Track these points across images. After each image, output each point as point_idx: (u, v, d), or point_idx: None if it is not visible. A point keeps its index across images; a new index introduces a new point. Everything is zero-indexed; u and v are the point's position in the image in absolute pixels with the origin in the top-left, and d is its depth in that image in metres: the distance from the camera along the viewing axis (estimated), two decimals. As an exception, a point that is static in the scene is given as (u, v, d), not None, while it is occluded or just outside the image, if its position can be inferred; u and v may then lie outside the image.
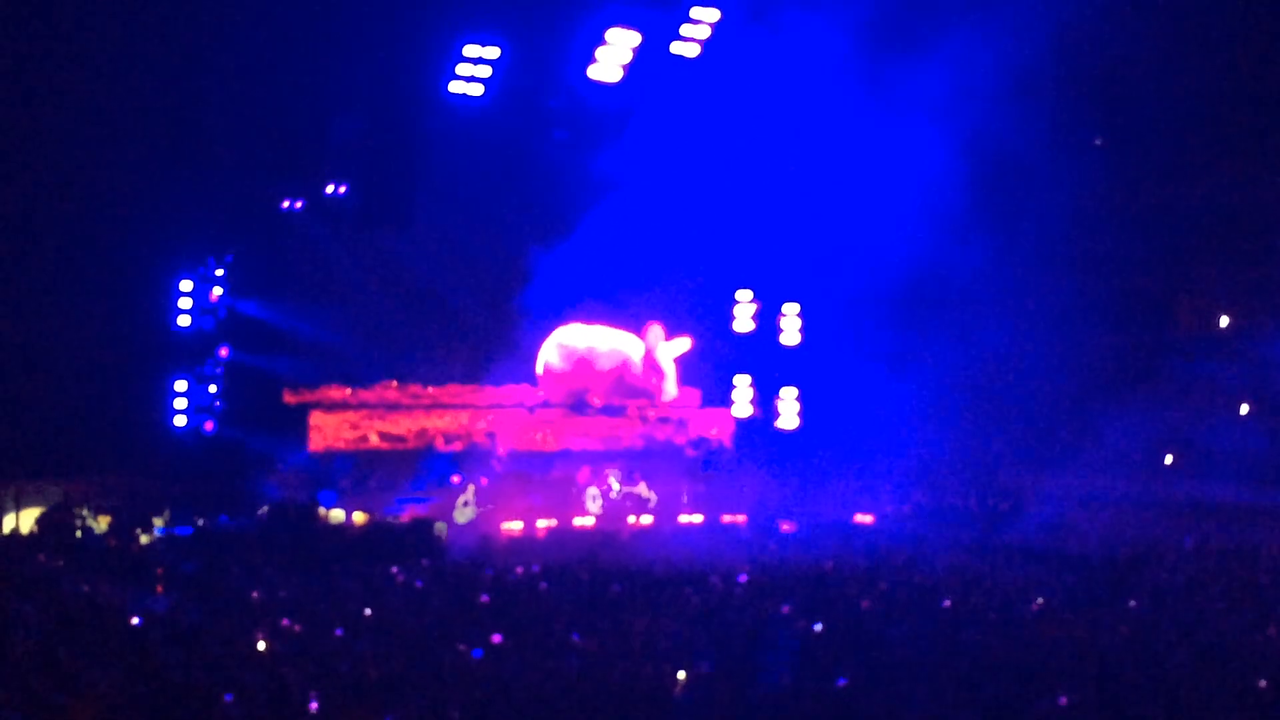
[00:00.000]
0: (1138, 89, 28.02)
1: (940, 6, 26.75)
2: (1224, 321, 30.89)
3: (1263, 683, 12.14)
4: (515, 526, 26.98)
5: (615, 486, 28.87)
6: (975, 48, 26.08)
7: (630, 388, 30.83)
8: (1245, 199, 28.87)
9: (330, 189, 28.45)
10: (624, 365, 30.79)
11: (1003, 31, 26.09)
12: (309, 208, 28.50)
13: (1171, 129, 28.09)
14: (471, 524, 26.77)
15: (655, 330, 30.72)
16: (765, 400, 32.26)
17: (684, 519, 28.56)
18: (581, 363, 30.52)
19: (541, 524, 27.33)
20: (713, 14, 27.01)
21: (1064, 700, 11.58)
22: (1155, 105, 28.02)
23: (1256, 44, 27.40)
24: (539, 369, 30.26)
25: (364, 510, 26.52)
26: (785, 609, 16.13)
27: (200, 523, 24.99)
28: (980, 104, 26.74)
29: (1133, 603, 17.13)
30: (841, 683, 12.22)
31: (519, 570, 19.85)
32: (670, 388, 30.93)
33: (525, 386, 30.12)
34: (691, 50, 27.38)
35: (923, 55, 26.29)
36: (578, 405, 30.45)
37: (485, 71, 27.31)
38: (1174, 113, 27.73)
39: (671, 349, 30.84)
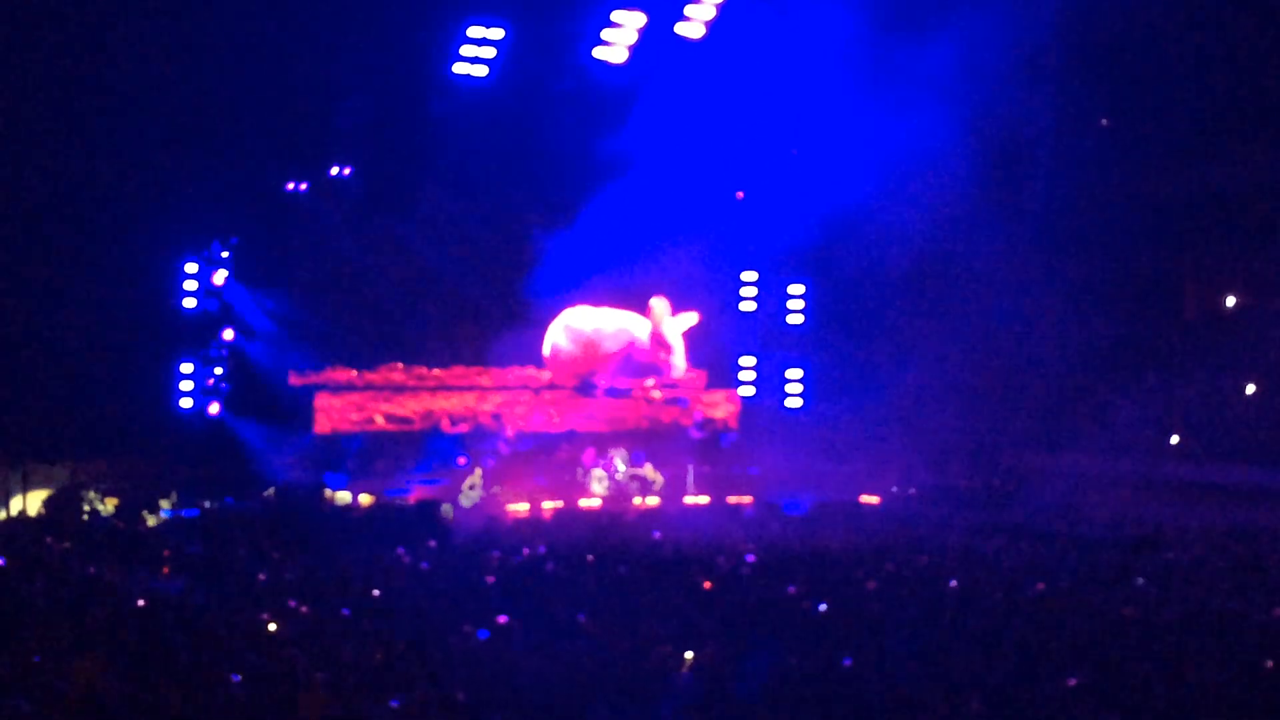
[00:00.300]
0: (1144, 70, 27.92)
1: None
2: (1230, 302, 30.84)
3: (1269, 662, 12.14)
4: (521, 508, 27.02)
5: (621, 468, 28.90)
6: (981, 27, 26.00)
7: (638, 366, 30.75)
8: (1251, 180, 28.80)
9: (334, 171, 28.44)
10: (630, 345, 30.71)
11: (1009, 11, 26.02)
12: (313, 190, 28.48)
13: (1177, 110, 28.01)
14: (477, 505, 26.81)
15: (660, 304, 30.48)
16: (771, 381, 32.23)
17: (690, 500, 28.59)
18: (588, 345, 30.45)
19: (547, 505, 27.38)
20: None
21: (1072, 681, 11.59)
22: (1161, 86, 27.93)
23: (1263, 25, 27.29)
24: (545, 352, 30.23)
25: (370, 492, 26.56)
26: (791, 589, 16.14)
27: (207, 505, 25.05)
28: (987, 84, 26.69)
29: (1140, 581, 17.14)
30: (847, 663, 12.23)
31: (525, 551, 19.85)
32: (679, 362, 30.81)
33: (531, 368, 30.09)
34: (696, 31, 27.32)
35: (929, 35, 26.22)
36: (583, 387, 30.44)
37: (490, 52, 27.27)
38: (1180, 93, 27.65)
39: (678, 323, 30.69)
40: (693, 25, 27.25)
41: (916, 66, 26.21)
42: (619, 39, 27.31)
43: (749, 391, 32.07)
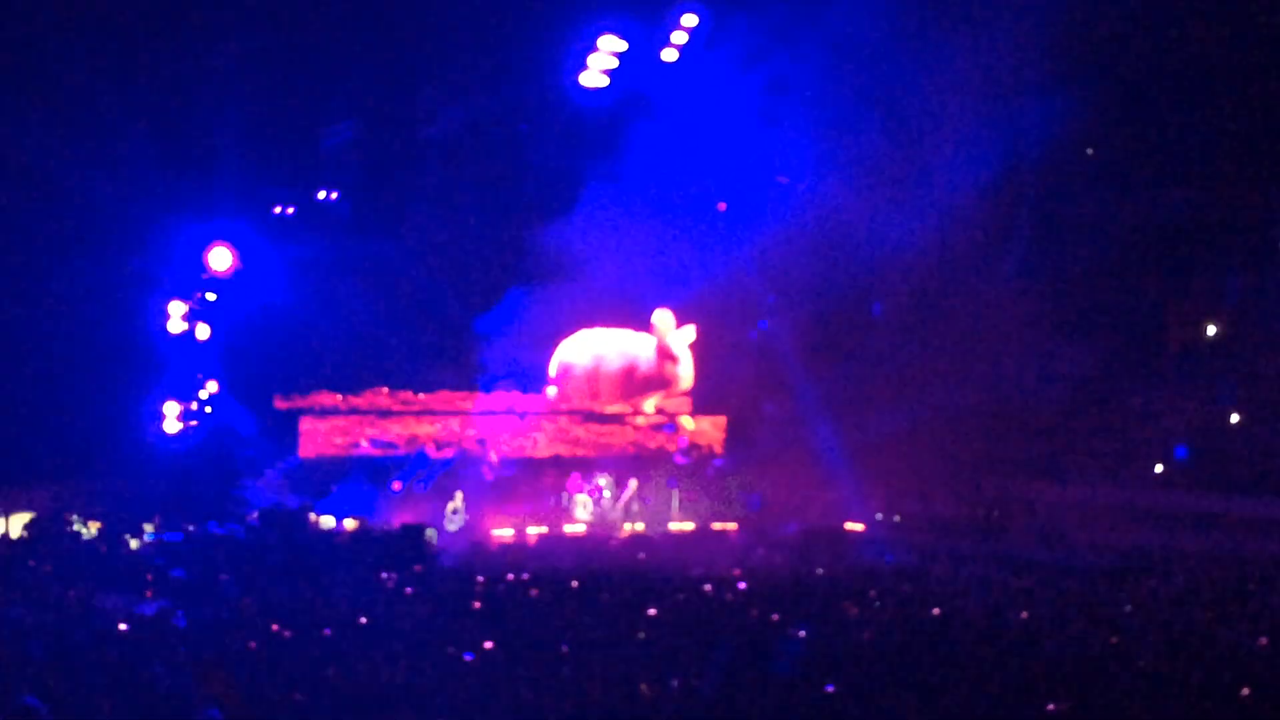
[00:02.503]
0: (1131, 97, 28.10)
1: (930, 17, 26.82)
2: (1211, 331, 30.97)
3: (1245, 690, 12.16)
4: (506, 533, 26.96)
5: (606, 493, 28.87)
6: (969, 57, 26.17)
7: (643, 382, 30.86)
8: (1232, 208, 28.97)
9: (322, 195, 28.44)
10: (632, 364, 30.82)
11: (996, 37, 26.17)
12: (301, 213, 28.48)
13: (1162, 137, 28.21)
14: (461, 531, 26.74)
15: (664, 315, 30.59)
16: (754, 408, 32.19)
17: (674, 526, 28.56)
18: (594, 367, 30.63)
19: (532, 531, 27.32)
20: (692, 20, 27.16)
21: (1052, 707, 11.59)
22: (1148, 114, 28.13)
23: (1247, 55, 27.50)
24: (552, 373, 30.38)
25: (354, 516, 26.49)
26: (775, 616, 16.14)
27: (190, 529, 24.96)
28: (975, 111, 26.84)
29: (1127, 609, 17.16)
30: (830, 689, 12.22)
31: (509, 577, 19.81)
32: (686, 373, 30.97)
33: (516, 393, 30.09)
34: (672, 55, 27.43)
35: (916, 64, 26.39)
36: (585, 414, 30.66)
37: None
38: (1165, 122, 27.85)
39: (683, 335, 30.81)
40: (670, 50, 27.35)
41: (898, 96, 26.38)
42: (602, 65, 27.38)
43: (735, 417, 32.03)
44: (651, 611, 16.56)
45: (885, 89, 26.86)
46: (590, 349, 30.75)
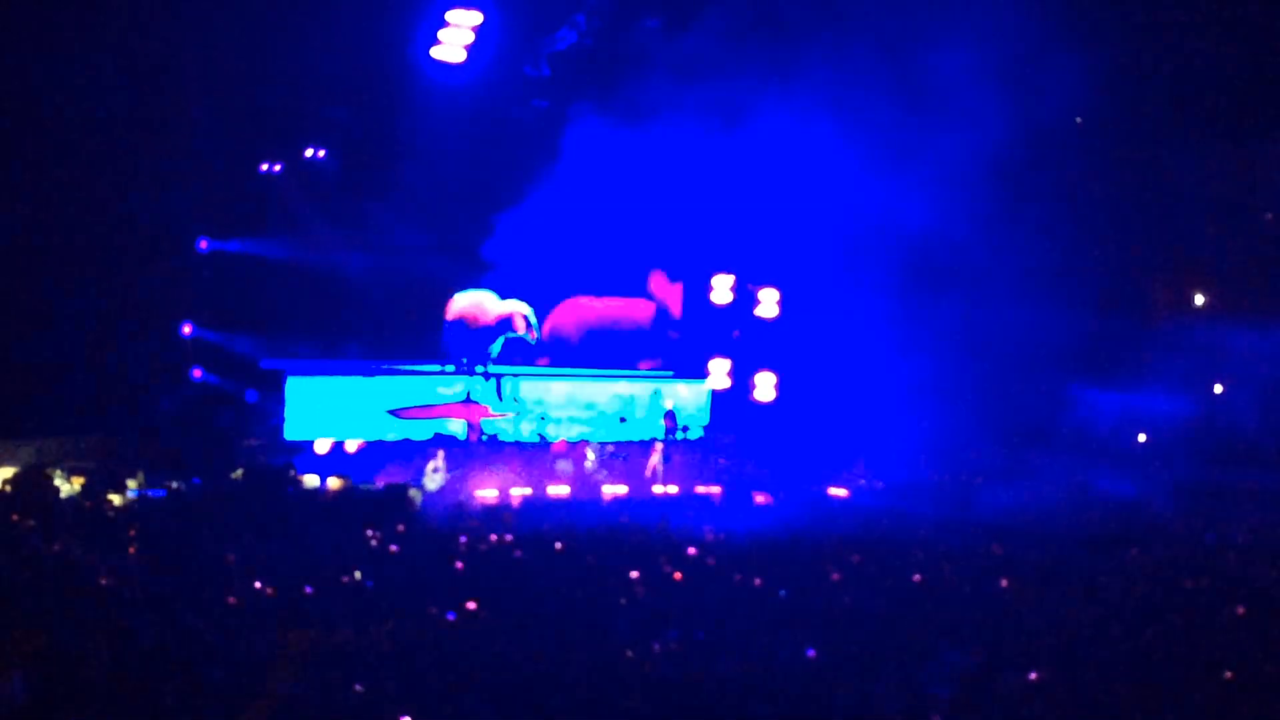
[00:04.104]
0: (1122, 68, 28.04)
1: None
2: (1199, 300, 31.03)
3: (1229, 662, 12.27)
4: (490, 494, 26.98)
5: (591, 456, 28.91)
6: (955, 24, 26.07)
7: (647, 347, 31.02)
8: (1221, 178, 28.99)
9: (310, 153, 28.28)
10: (635, 330, 30.99)
11: (985, 7, 26.07)
12: (288, 172, 28.33)
13: (1154, 107, 28.18)
14: (445, 490, 26.74)
15: (660, 277, 30.72)
16: (741, 373, 32.24)
17: (659, 490, 28.62)
18: (588, 337, 30.67)
19: (516, 493, 27.34)
20: None
21: (1033, 675, 11.68)
22: (1140, 83, 28.08)
23: (1237, 22, 27.45)
24: (544, 338, 30.37)
25: (339, 476, 26.49)
26: (757, 581, 16.20)
27: (174, 485, 24.94)
28: (962, 84, 26.76)
29: (1110, 579, 17.25)
30: (811, 654, 12.29)
31: (492, 538, 19.84)
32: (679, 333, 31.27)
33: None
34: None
35: (910, 37, 26.32)
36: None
37: (467, 38, 27.16)
38: (1158, 91, 27.82)
39: (677, 294, 30.98)
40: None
41: (894, 65, 26.29)
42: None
43: (720, 383, 32.08)
44: (634, 574, 16.62)
45: (882, 54, 26.71)
46: (586, 318, 30.70)
